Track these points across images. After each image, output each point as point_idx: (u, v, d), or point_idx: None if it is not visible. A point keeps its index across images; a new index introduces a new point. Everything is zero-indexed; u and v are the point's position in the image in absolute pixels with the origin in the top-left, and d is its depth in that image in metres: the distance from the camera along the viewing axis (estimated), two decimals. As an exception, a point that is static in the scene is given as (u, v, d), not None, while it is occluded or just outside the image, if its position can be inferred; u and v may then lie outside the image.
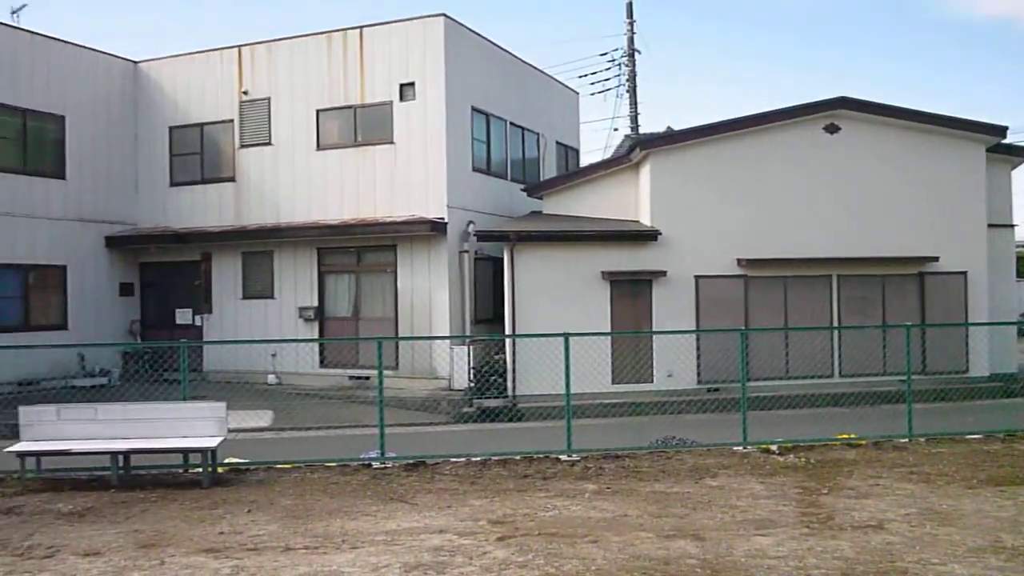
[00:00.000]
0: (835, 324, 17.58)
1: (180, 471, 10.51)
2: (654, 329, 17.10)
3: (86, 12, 76.66)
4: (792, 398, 16.13)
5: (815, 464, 10.53)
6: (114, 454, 9.98)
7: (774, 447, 11.39)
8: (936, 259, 17.75)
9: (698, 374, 17.12)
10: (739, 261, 17.34)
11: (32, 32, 19.36)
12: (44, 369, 18.50)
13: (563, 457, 11.08)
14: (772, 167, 17.55)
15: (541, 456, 11.17)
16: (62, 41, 19.81)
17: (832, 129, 17.69)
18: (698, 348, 17.04)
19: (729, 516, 8.11)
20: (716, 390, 16.86)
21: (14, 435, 10.58)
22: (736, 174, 17.49)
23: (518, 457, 11.13)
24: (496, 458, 11.09)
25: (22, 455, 9.88)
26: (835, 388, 16.89)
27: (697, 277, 17.34)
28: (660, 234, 17.20)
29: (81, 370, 19.17)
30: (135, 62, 21.51)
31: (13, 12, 20.79)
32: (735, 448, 11.50)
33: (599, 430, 13.88)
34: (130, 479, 10.12)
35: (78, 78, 20.03)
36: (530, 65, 22.55)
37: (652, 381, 17.07)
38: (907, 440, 11.84)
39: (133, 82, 21.36)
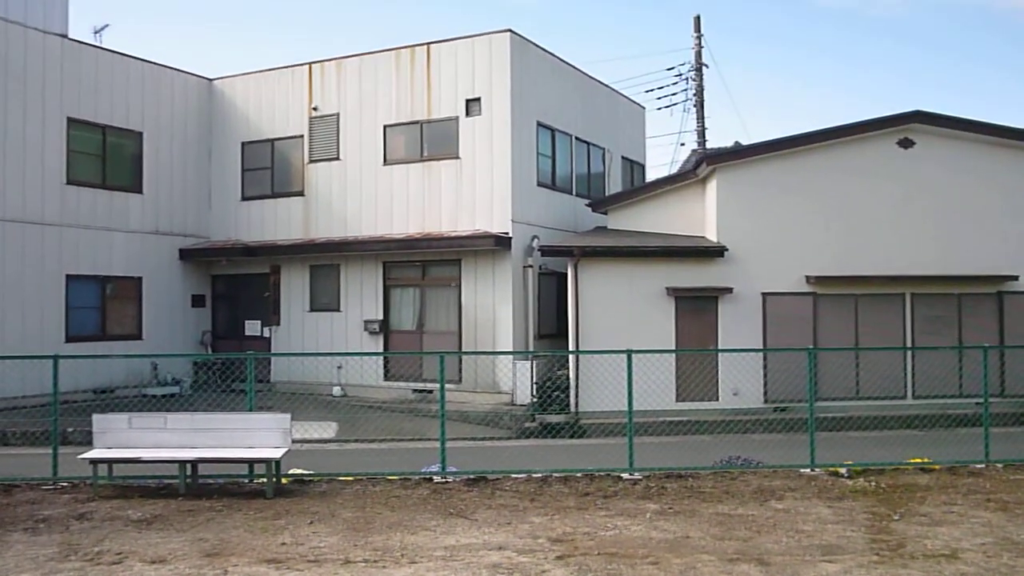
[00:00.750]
0: (908, 344, 17.09)
1: (245, 481, 10.67)
2: (720, 347, 16.85)
3: (164, 31, 79.17)
4: (862, 419, 15.71)
5: (886, 489, 10.22)
6: (182, 463, 10.19)
7: (843, 470, 11.09)
8: (1016, 278, 17.14)
9: (765, 393, 16.80)
10: (808, 278, 16.99)
11: (113, 51, 20.03)
12: (119, 378, 19.03)
13: (625, 475, 10.97)
14: (843, 182, 17.17)
15: (602, 474, 11.07)
16: (141, 60, 20.45)
17: (906, 144, 17.26)
18: (765, 366, 16.73)
19: (795, 541, 7.91)
20: (783, 410, 16.51)
21: (89, 442, 10.88)
22: (805, 190, 17.17)
23: (579, 474, 11.04)
24: (557, 475, 11.02)
25: (95, 462, 10.15)
26: (908, 410, 16.40)
27: (764, 294, 17.04)
28: (727, 250, 16.96)
29: (154, 379, 19.67)
30: (210, 79, 22.10)
31: (96, 32, 21.61)
32: (802, 470, 11.24)
33: (662, 448, 13.68)
34: (197, 488, 10.32)
35: (156, 95, 20.65)
36: (596, 80, 22.52)
37: (717, 399, 16.80)
38: (983, 466, 11.42)
39: (208, 99, 21.95)
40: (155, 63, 20.82)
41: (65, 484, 10.67)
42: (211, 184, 21.92)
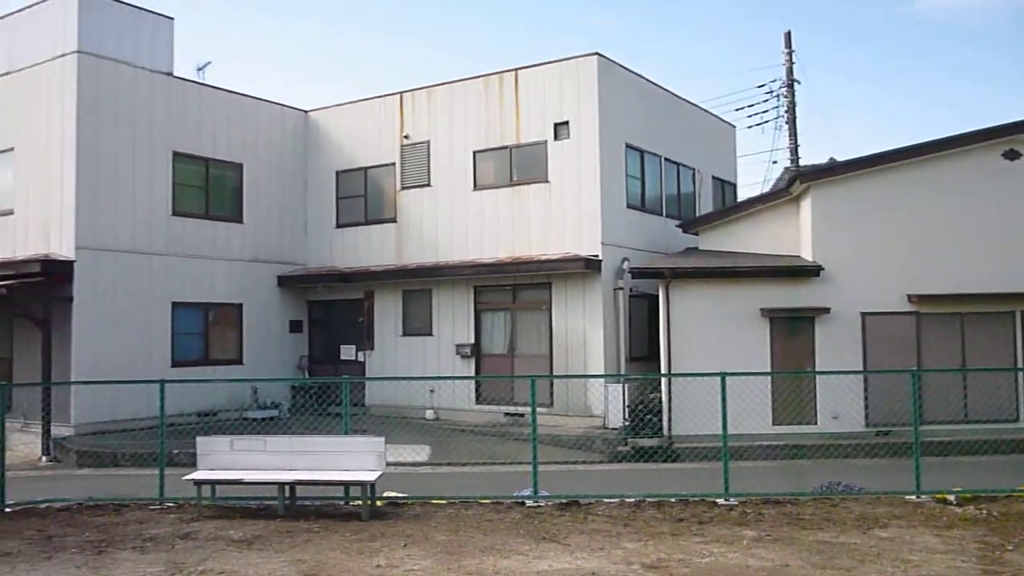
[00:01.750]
0: (1020, 364, 16.31)
1: (341, 503, 10.85)
2: (817, 368, 16.40)
3: (262, 66, 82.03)
4: (971, 443, 15.05)
5: (998, 517, 9.74)
6: (281, 484, 10.44)
7: (951, 497, 10.63)
8: None
9: (866, 416, 16.27)
10: (910, 297, 16.42)
11: (215, 87, 20.88)
12: (221, 401, 19.65)
13: (720, 501, 10.75)
14: (944, 197, 16.57)
15: (697, 499, 10.88)
16: (241, 94, 21.25)
17: (1012, 155, 16.57)
18: (866, 389, 16.21)
19: (901, 571, 7.61)
20: (886, 433, 15.95)
21: (193, 463, 11.25)
22: (905, 205, 16.63)
23: (673, 499, 10.88)
24: (651, 500, 10.88)
25: (199, 483, 10.49)
26: (1020, 434, 15.63)
27: (864, 314, 16.53)
28: (823, 269, 16.54)
29: (254, 403, 20.24)
30: (305, 111, 22.79)
31: (199, 69, 22.54)
32: (907, 497, 10.82)
33: (758, 473, 13.38)
34: (295, 509, 10.55)
35: (255, 128, 21.41)
36: (684, 100, 22.35)
37: (815, 423, 16.33)
38: (1106, 494, 10.79)
39: (304, 130, 22.64)
40: (254, 97, 21.60)
41: (171, 504, 11.05)
42: (307, 212, 22.54)
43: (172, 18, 19.65)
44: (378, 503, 10.72)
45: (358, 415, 18.79)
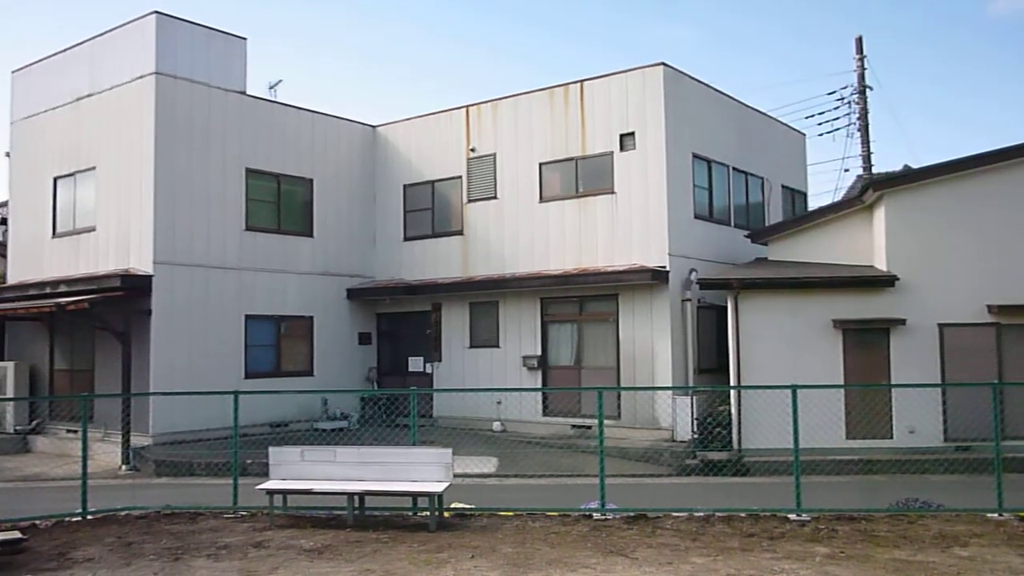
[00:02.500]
0: (1109, 377, 15.63)
1: (409, 513, 10.94)
2: (892, 381, 15.98)
3: (331, 82, 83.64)
4: (1057, 460, 14.46)
5: (1087, 536, 9.35)
6: (350, 495, 10.59)
7: (1036, 515, 10.24)
8: None
9: (944, 431, 15.78)
10: (989, 308, 15.90)
11: (286, 104, 21.35)
12: (292, 412, 19.99)
13: (792, 516, 10.54)
14: (1026, 204, 16.02)
15: (768, 514, 10.68)
16: (311, 111, 21.68)
17: (1098, 161, 15.94)
18: (944, 403, 15.73)
19: (981, 591, 7.36)
20: (966, 449, 15.43)
21: (265, 473, 11.48)
22: (984, 213, 16.13)
23: (743, 514, 10.70)
24: (720, 514, 10.72)
25: (271, 492, 10.70)
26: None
27: (941, 325, 16.05)
28: (897, 279, 16.13)
29: (324, 414, 20.55)
30: (373, 126, 23.15)
31: (271, 87, 23.03)
32: (989, 515, 10.46)
33: (831, 488, 13.07)
34: (364, 519, 10.67)
35: (324, 143, 21.82)
36: (753, 108, 22.08)
37: (891, 437, 15.90)
38: None
39: (372, 144, 22.99)
40: (323, 113, 22.02)
41: (244, 513, 11.29)
42: (375, 226, 22.86)
43: (245, 38, 20.16)
44: (445, 514, 10.78)
45: (426, 427, 18.94)
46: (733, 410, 16.37)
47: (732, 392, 16.43)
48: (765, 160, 22.16)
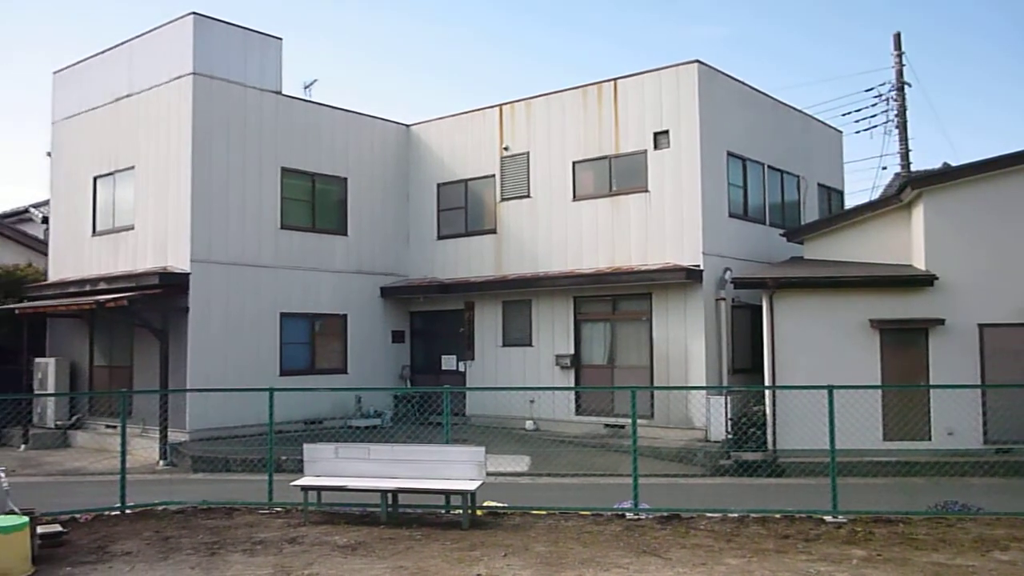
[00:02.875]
0: None
1: (442, 512, 10.97)
2: (931, 382, 15.75)
3: (365, 81, 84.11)
4: (1102, 463, 14.16)
5: None
6: (383, 492, 10.65)
7: (1079, 519, 10.04)
8: None
9: (984, 433, 15.52)
10: (1032, 308, 15.61)
11: (320, 104, 21.50)
12: (326, 409, 20.13)
13: (827, 518, 10.43)
14: (1070, 202, 15.70)
15: (803, 515, 10.58)
16: (345, 110, 21.81)
17: None
18: (984, 404, 15.47)
19: (1023, 596, 7.23)
20: (1006, 451, 15.18)
21: (300, 469, 11.58)
22: (1025, 211, 15.83)
23: (778, 515, 10.60)
24: (754, 515, 10.63)
25: (305, 489, 10.79)
26: None
27: (981, 326, 15.79)
28: (936, 279, 15.89)
29: (358, 411, 20.68)
30: (407, 125, 23.24)
31: (305, 87, 23.18)
32: (1030, 518, 10.27)
33: (868, 490, 12.92)
34: (397, 516, 10.72)
35: (359, 142, 21.95)
36: (788, 106, 21.86)
37: (929, 439, 15.66)
38: None
39: (406, 143, 23.08)
40: (358, 112, 22.14)
41: (279, 509, 11.39)
42: (409, 224, 22.95)
43: (280, 38, 20.31)
44: (478, 512, 10.80)
45: (459, 425, 18.98)
46: (768, 410, 16.24)
47: (767, 392, 16.29)
48: (801, 158, 21.94)
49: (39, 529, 9.19)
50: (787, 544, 9.25)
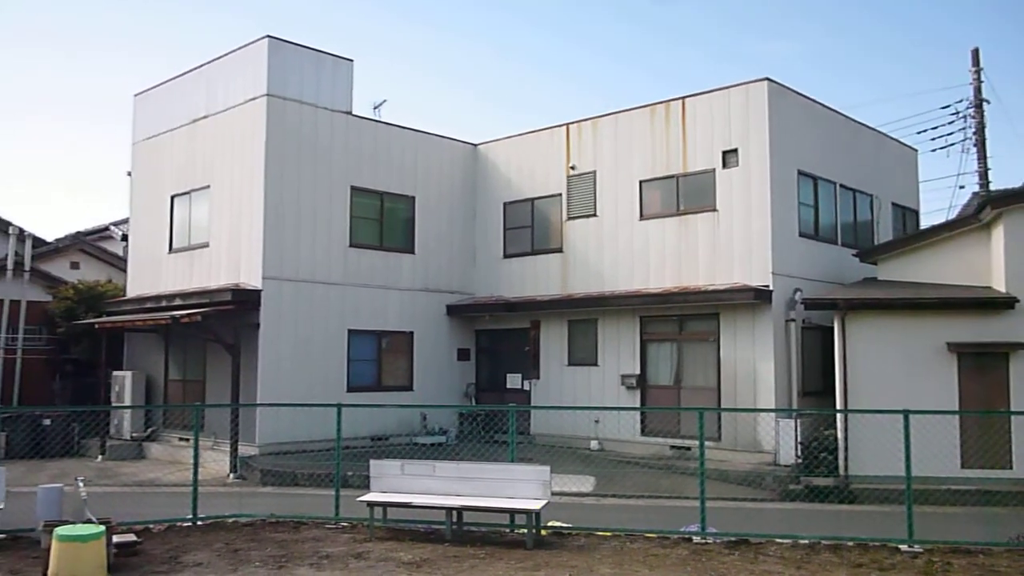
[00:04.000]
0: None
1: (506, 530, 10.95)
2: (1012, 408, 15.19)
3: (431, 103, 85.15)
4: None
5: None
6: (448, 509, 10.67)
7: None
8: None
9: (1070, 462, 14.89)
10: (1121, 332, 14.98)
11: (389, 124, 21.81)
12: (392, 426, 20.30)
13: (903, 547, 10.12)
14: None
15: (877, 544, 10.29)
16: (413, 130, 22.09)
17: None
18: (1070, 432, 14.85)
19: (1113, 634, 6.90)
20: (1094, 482, 14.53)
21: (365, 485, 11.68)
22: (1114, 232, 15.22)
23: (851, 543, 10.33)
24: (826, 542, 10.38)
25: (371, 504, 10.88)
26: None
27: (1066, 350, 15.21)
28: (1017, 301, 15.36)
29: (423, 428, 20.80)
30: (474, 144, 23.44)
31: (375, 107, 23.55)
32: (1121, 552, 9.81)
33: (945, 519, 12.51)
34: (461, 534, 10.74)
35: (426, 162, 22.19)
36: (861, 124, 21.45)
37: (1011, 467, 15.08)
38: None
39: (473, 163, 23.27)
40: (425, 132, 22.40)
41: (345, 524, 11.51)
42: (475, 243, 23.09)
43: (351, 60, 20.70)
44: (543, 532, 10.75)
45: (523, 443, 18.95)
46: (840, 435, 15.85)
47: (839, 416, 15.91)
48: (874, 177, 21.49)
49: (115, 538, 9.43)
50: (860, 573, 9.01)
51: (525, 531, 10.42)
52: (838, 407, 16.08)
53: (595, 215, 20.67)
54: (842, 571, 9.08)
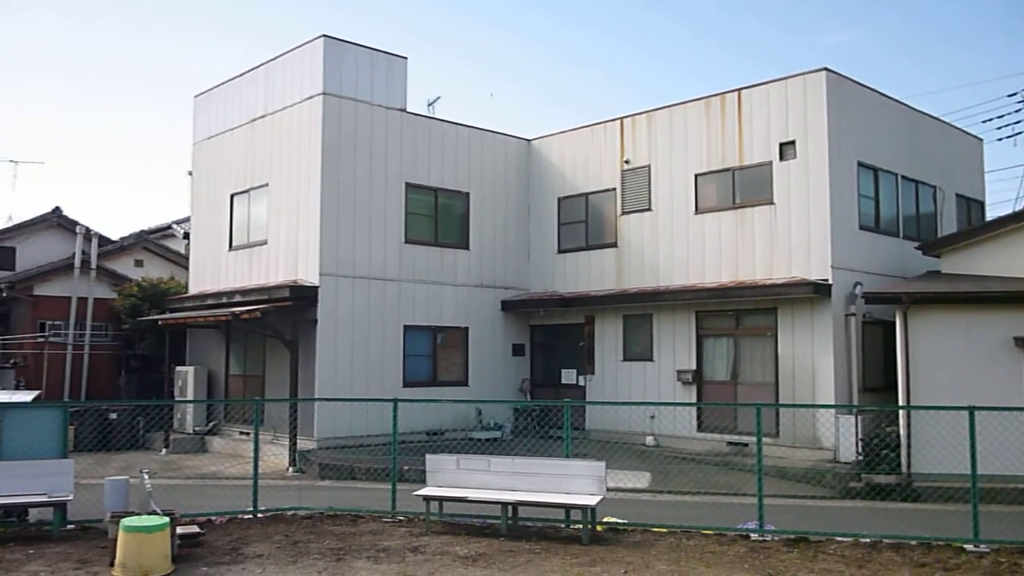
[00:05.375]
0: None
1: (561, 526, 10.95)
2: (1084, 405, 14.70)
3: (483, 99, 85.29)
4: None
5: None
6: (504, 504, 10.70)
7: None
8: None
9: None
10: None
11: (443, 120, 21.93)
12: (448, 421, 20.43)
13: (969, 547, 9.87)
14: None
15: (941, 543, 10.05)
16: (467, 126, 22.17)
17: None
18: None
19: None
20: None
21: (421, 479, 11.78)
22: None
23: (914, 542, 10.12)
24: (888, 541, 10.19)
25: (428, 499, 10.96)
26: None
27: None
28: (1090, 295, 14.87)
29: (478, 423, 20.89)
30: (528, 140, 23.43)
31: (429, 104, 23.72)
32: None
33: (1014, 519, 12.16)
34: (517, 529, 10.76)
35: (480, 158, 22.26)
36: (923, 113, 20.94)
37: (1083, 465, 14.62)
38: None
39: (526, 158, 23.27)
40: (479, 128, 22.47)
41: (401, 517, 11.62)
42: (530, 238, 23.10)
43: (405, 58, 20.85)
44: (598, 528, 10.73)
45: (578, 439, 18.92)
46: (902, 431, 15.51)
47: (901, 412, 15.58)
48: (938, 167, 20.96)
49: (178, 529, 9.65)
50: (924, 573, 8.82)
51: (580, 527, 10.41)
52: (900, 403, 15.74)
53: (650, 209, 20.52)
54: (905, 571, 8.90)
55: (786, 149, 18.15)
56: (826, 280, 17.20)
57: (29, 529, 10.97)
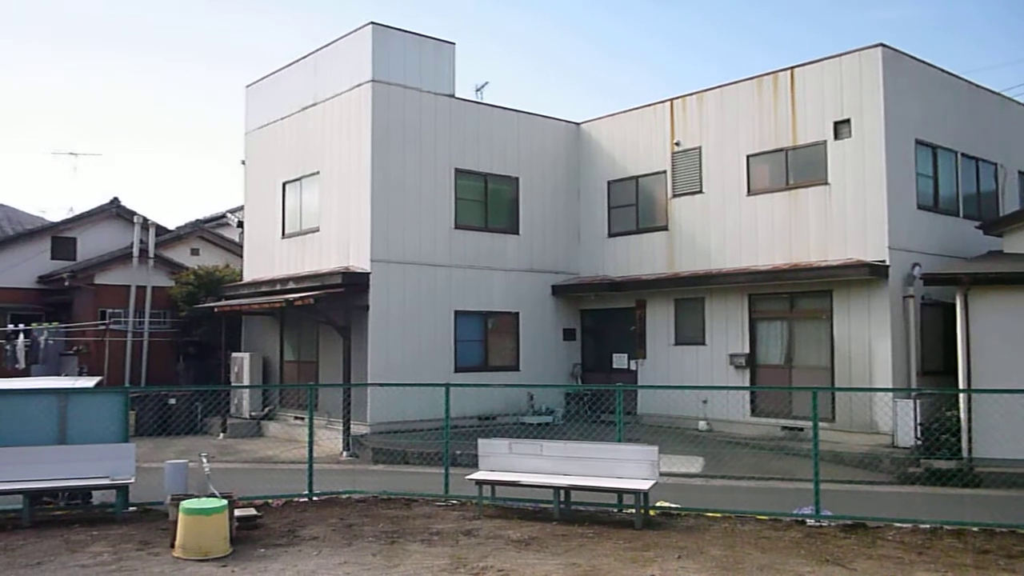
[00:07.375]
0: None
1: (614, 510, 10.92)
2: None
3: (530, 85, 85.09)
4: None
5: None
6: (556, 489, 10.71)
7: None
8: None
9: None
10: None
11: (492, 105, 21.88)
12: (499, 405, 20.48)
13: (1033, 533, 9.62)
14: None
15: (1005, 530, 9.82)
16: (516, 111, 22.09)
17: None
18: None
19: None
20: None
21: (473, 464, 11.83)
22: None
23: (975, 528, 9.90)
24: (948, 527, 9.98)
25: (480, 483, 11.02)
26: None
27: None
28: None
29: (530, 408, 20.91)
30: (577, 123, 23.29)
31: (477, 90, 23.66)
32: None
33: (1081, 505, 11.84)
34: (569, 513, 10.76)
35: (529, 142, 22.18)
36: (984, 88, 20.34)
37: None
38: None
39: (575, 142, 23.13)
40: (528, 112, 22.37)
41: (454, 501, 11.69)
42: (580, 222, 22.99)
43: (453, 43, 20.82)
44: (651, 513, 10.68)
45: (630, 424, 18.82)
46: (963, 416, 15.16)
47: (961, 396, 15.21)
48: (999, 144, 20.36)
49: (236, 512, 9.83)
50: (986, 560, 8.61)
51: (633, 511, 10.37)
52: (961, 387, 15.38)
53: (701, 191, 20.28)
54: (966, 557, 8.71)
55: (841, 128, 17.77)
56: (883, 261, 16.84)
57: (93, 511, 11.28)
